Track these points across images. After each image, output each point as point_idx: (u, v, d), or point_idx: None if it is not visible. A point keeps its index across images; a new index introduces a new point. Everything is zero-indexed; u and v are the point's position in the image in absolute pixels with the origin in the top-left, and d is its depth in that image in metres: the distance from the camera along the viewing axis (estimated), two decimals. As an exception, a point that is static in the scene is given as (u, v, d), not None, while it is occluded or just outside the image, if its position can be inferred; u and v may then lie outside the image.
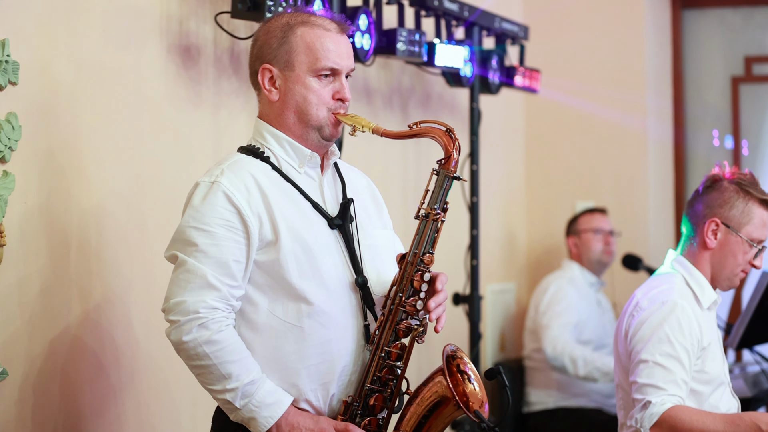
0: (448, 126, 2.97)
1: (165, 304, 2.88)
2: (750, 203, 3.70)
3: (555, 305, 5.91)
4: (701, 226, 3.72)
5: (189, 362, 2.87)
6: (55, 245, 3.40)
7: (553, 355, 5.76)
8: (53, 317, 3.42)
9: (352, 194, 3.08)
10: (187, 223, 2.89)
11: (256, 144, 3.04)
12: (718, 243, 3.71)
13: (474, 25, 5.19)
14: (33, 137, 3.30)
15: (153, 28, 3.80)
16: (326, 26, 3.00)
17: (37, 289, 3.35)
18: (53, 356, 3.44)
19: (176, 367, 3.64)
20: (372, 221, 3.12)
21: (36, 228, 3.33)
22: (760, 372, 5.18)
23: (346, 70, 3.01)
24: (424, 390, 2.96)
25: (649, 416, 3.48)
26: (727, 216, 3.70)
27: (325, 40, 2.97)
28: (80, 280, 3.50)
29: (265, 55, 3.00)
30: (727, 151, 6.97)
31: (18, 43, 3.24)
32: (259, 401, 2.84)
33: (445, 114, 5.76)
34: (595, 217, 6.23)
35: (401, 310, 2.93)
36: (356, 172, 3.22)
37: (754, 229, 3.70)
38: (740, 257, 3.72)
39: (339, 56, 2.98)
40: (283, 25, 3.00)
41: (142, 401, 3.82)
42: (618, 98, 6.69)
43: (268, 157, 3.00)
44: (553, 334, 5.80)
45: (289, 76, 2.98)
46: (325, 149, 3.05)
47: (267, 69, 2.99)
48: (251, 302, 2.92)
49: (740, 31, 6.99)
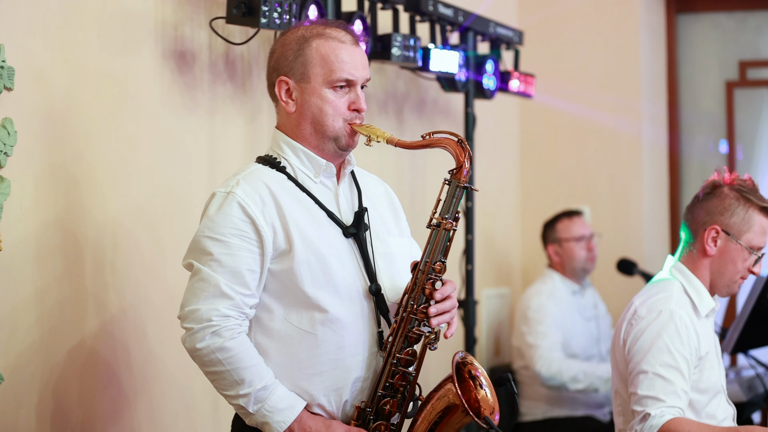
0: (460, 136, 3.02)
1: (180, 311, 2.94)
2: (750, 210, 3.69)
3: (537, 325, 5.80)
4: (701, 233, 3.71)
5: (203, 368, 2.94)
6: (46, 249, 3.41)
7: (549, 375, 5.67)
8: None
9: (369, 202, 3.13)
10: (203, 232, 2.95)
11: (274, 154, 3.09)
12: (718, 250, 3.70)
13: (469, 30, 5.20)
14: (28, 143, 3.30)
15: (148, 33, 3.80)
16: (341, 38, 3.04)
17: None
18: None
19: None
20: (388, 229, 3.17)
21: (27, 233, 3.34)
22: (755, 376, 5.18)
23: (361, 80, 3.06)
24: (435, 396, 2.99)
25: (649, 428, 3.47)
26: (728, 223, 3.69)
27: (340, 51, 3.02)
28: (79, 286, 3.52)
29: (282, 67, 3.05)
30: (722, 156, 6.98)
31: (13, 49, 3.25)
32: (272, 406, 2.90)
33: (439, 119, 5.76)
34: (574, 223, 6.08)
35: (413, 317, 2.98)
36: (374, 179, 3.27)
37: (754, 236, 3.70)
38: (740, 264, 3.71)
39: (354, 67, 3.03)
40: (298, 38, 3.05)
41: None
42: (612, 103, 6.69)
43: (284, 168, 3.05)
44: (544, 355, 5.70)
45: (305, 87, 3.03)
46: (341, 159, 3.10)
47: (284, 81, 3.05)
48: (267, 309, 2.98)
49: (735, 35, 7.00)
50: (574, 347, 5.86)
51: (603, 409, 5.88)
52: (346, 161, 3.12)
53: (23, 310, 3.33)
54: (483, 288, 6.25)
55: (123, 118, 3.70)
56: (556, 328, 5.81)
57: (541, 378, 5.70)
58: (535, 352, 5.75)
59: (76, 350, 3.54)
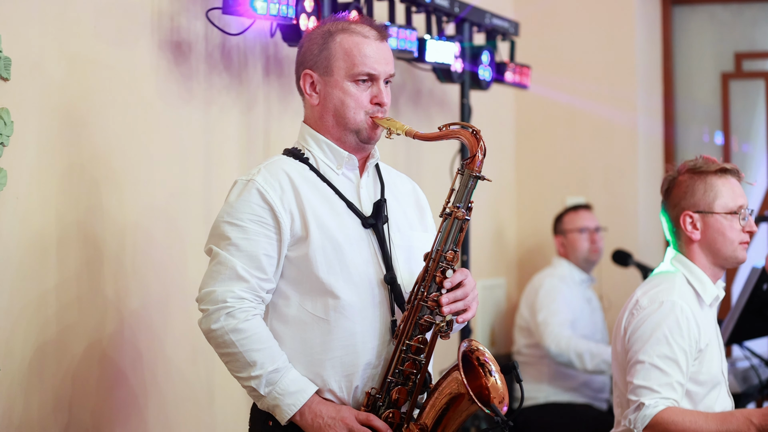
0: (474, 128, 3.09)
1: (198, 294, 3.01)
2: (708, 179, 3.68)
3: (550, 303, 5.92)
4: (680, 226, 3.72)
5: (218, 350, 3.00)
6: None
7: (558, 351, 5.76)
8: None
9: (392, 197, 3.19)
10: (222, 218, 3.03)
11: (299, 146, 3.17)
12: (701, 232, 3.69)
13: (464, 21, 5.20)
14: (25, 133, 3.30)
15: (144, 24, 3.80)
16: (365, 33, 3.11)
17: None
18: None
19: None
20: (411, 223, 3.23)
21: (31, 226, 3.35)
22: (750, 367, 5.19)
23: (384, 75, 3.11)
24: (443, 384, 3.02)
25: (642, 418, 3.49)
26: (694, 203, 3.68)
27: (363, 46, 3.09)
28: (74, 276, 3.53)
29: (307, 61, 3.13)
30: (717, 147, 6.99)
31: (10, 39, 3.25)
32: (282, 389, 2.96)
33: (435, 110, 5.77)
34: (580, 215, 6.21)
35: (423, 305, 3.02)
36: (403, 177, 3.34)
37: (727, 199, 3.67)
38: (729, 233, 3.68)
39: (377, 62, 3.10)
40: (324, 33, 3.13)
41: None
42: (608, 94, 6.70)
43: (307, 159, 3.13)
44: (554, 332, 5.81)
45: (328, 80, 3.10)
46: (364, 152, 3.16)
47: (308, 74, 3.13)
48: (284, 296, 3.05)
49: (730, 27, 7.01)
50: (580, 330, 5.94)
51: (601, 395, 5.93)
52: (370, 155, 3.18)
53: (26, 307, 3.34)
54: (478, 279, 6.26)
55: (120, 109, 3.70)
56: (567, 307, 5.94)
57: (551, 353, 5.81)
58: (545, 328, 5.86)
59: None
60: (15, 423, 3.29)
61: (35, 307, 3.37)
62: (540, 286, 6.03)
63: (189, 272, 3.92)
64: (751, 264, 5.05)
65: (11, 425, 3.28)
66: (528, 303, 6.06)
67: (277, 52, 4.42)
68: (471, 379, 2.99)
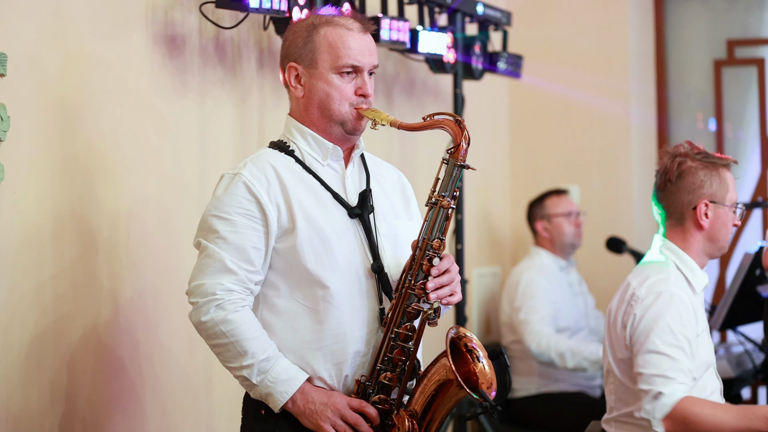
0: (458, 117, 3.11)
1: (188, 287, 3.05)
2: (720, 172, 3.75)
3: (529, 299, 5.87)
4: (691, 213, 3.73)
5: (209, 341, 3.04)
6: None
7: (539, 351, 5.74)
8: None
9: (378, 187, 3.22)
10: (209, 211, 3.07)
11: (284, 139, 3.19)
12: (710, 221, 3.75)
13: (457, 11, 5.22)
14: (21, 128, 3.33)
15: (138, 18, 3.83)
16: (348, 26, 3.14)
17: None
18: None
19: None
20: (397, 212, 3.26)
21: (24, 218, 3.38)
22: (744, 352, 5.23)
23: (368, 67, 3.15)
24: (432, 371, 3.07)
25: (661, 407, 3.51)
26: (712, 193, 3.74)
27: (347, 38, 3.12)
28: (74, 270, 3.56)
29: (292, 53, 3.16)
30: (710, 134, 7.02)
31: (5, 35, 3.28)
32: (274, 377, 3.00)
33: (428, 100, 5.80)
34: (563, 200, 6.18)
35: (411, 293, 3.06)
36: (389, 167, 3.37)
37: (732, 193, 3.77)
38: (729, 225, 3.77)
39: (361, 54, 3.13)
40: (308, 26, 3.16)
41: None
42: (601, 83, 6.72)
43: (293, 151, 3.16)
44: (534, 330, 5.77)
45: (313, 73, 3.13)
46: (349, 143, 3.19)
47: (293, 67, 3.16)
48: (274, 287, 3.08)
49: (723, 14, 7.02)
50: (564, 320, 5.92)
51: (593, 382, 5.95)
52: (355, 146, 3.21)
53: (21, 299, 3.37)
54: (473, 267, 6.30)
55: (115, 103, 3.73)
56: (547, 302, 5.89)
57: (532, 353, 5.79)
58: (525, 327, 5.82)
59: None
60: (13, 412, 3.33)
61: (32, 298, 3.41)
62: (518, 282, 5.97)
63: (184, 264, 3.94)
64: (744, 249, 5.09)
65: (9, 415, 3.32)
66: (509, 299, 6.03)
67: (271, 45, 4.45)
68: (459, 365, 3.03)
